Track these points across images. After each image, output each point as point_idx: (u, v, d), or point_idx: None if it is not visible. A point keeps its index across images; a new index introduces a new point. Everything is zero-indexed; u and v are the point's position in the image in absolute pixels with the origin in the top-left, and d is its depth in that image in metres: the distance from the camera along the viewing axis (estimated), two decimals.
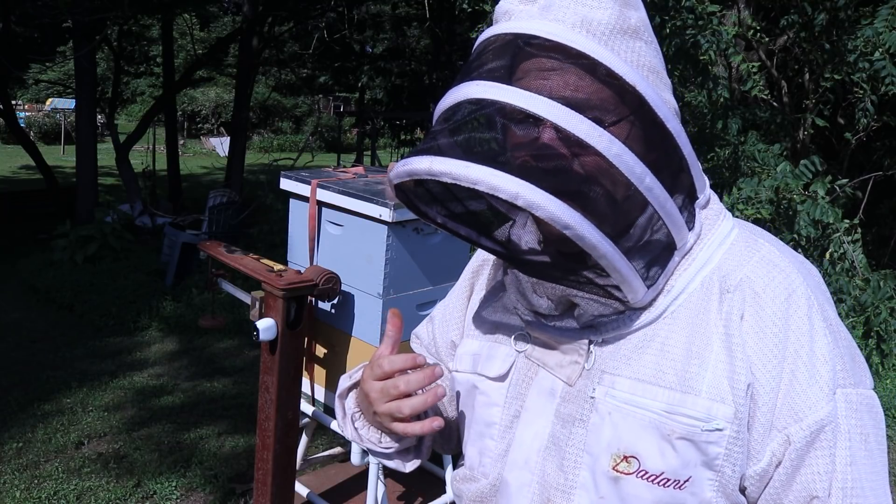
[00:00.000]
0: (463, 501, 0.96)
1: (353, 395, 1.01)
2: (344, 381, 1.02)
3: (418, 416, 0.90)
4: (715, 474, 0.77)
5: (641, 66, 0.76)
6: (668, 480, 0.78)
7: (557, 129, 0.70)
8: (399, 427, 0.87)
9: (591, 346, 0.83)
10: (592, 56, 0.72)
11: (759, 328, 0.78)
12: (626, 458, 0.79)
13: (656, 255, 0.79)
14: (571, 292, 0.80)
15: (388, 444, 0.96)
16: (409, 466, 1.01)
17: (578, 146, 0.70)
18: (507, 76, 0.76)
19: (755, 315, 0.78)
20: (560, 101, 0.69)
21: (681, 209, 0.79)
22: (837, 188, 3.76)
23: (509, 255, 0.87)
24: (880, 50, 3.68)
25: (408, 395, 0.86)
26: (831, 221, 3.22)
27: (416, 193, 0.83)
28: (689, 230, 0.81)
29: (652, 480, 0.78)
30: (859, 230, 3.40)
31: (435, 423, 0.85)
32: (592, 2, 0.75)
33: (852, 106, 4.64)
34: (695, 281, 0.82)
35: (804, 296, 0.79)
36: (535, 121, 0.72)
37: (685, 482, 0.77)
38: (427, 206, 0.84)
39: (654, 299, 0.81)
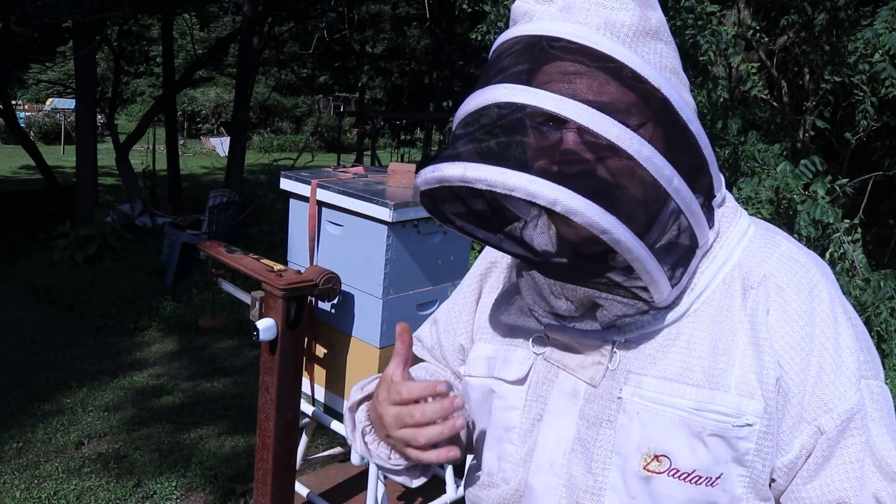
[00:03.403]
0: None
1: (364, 407, 0.99)
2: (355, 393, 1.00)
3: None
4: (746, 470, 0.78)
5: (664, 67, 0.77)
6: (700, 478, 0.78)
7: (588, 133, 0.70)
8: (413, 454, 0.85)
9: (615, 347, 0.83)
10: (618, 59, 0.72)
11: (785, 322, 0.79)
12: (656, 457, 0.79)
13: (682, 255, 0.80)
14: (594, 294, 0.80)
15: (398, 461, 0.94)
16: (416, 482, 1.00)
17: (610, 149, 0.71)
18: (530, 79, 0.76)
19: (780, 310, 0.79)
20: (587, 104, 0.69)
21: (702, 208, 0.80)
22: (837, 188, 3.76)
23: (531, 257, 0.87)
24: (880, 51, 3.67)
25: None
26: (831, 221, 3.21)
27: (441, 198, 0.83)
28: (710, 228, 0.82)
29: (684, 478, 0.78)
30: (859, 230, 3.40)
31: (451, 453, 0.83)
32: (614, 3, 0.74)
33: (852, 107, 4.63)
34: (716, 279, 0.82)
35: (826, 290, 0.81)
36: (564, 124, 0.73)
37: (717, 479, 0.78)
38: (450, 211, 0.84)
39: (678, 298, 0.81)
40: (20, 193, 10.50)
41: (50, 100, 21.58)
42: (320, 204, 2.43)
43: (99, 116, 10.62)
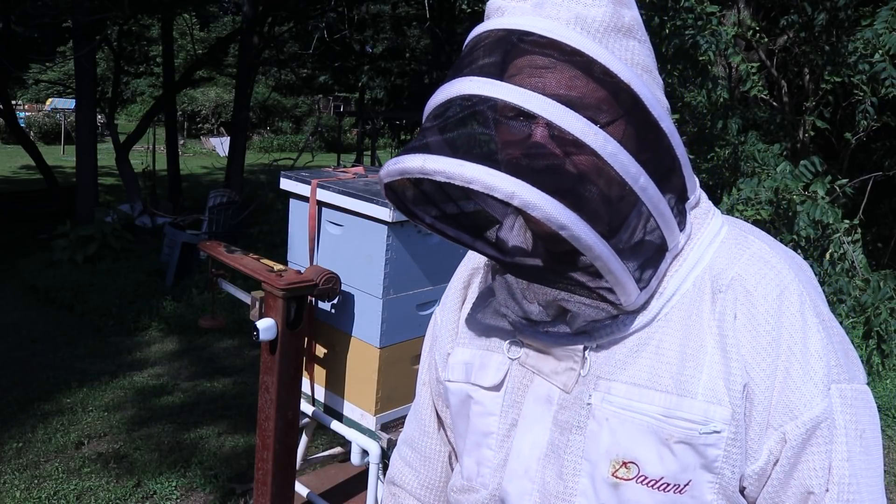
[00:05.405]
0: None
1: None
2: None
3: None
4: (714, 476, 0.77)
5: (636, 64, 0.76)
6: (668, 485, 0.77)
7: (552, 127, 0.69)
8: None
9: (586, 352, 0.82)
10: (588, 53, 0.71)
11: (752, 327, 0.77)
12: (624, 463, 0.78)
13: (649, 256, 0.78)
14: (562, 297, 0.79)
15: None
16: None
17: (573, 145, 0.70)
18: (500, 73, 0.75)
19: (747, 314, 0.78)
20: (555, 98, 0.68)
21: (672, 210, 0.78)
22: (837, 188, 3.75)
23: (501, 258, 0.85)
24: (880, 51, 3.67)
25: None
26: (831, 222, 3.21)
27: (407, 193, 0.81)
28: (681, 231, 0.80)
29: (652, 485, 0.78)
30: (859, 230, 3.39)
31: None
32: None
33: (852, 107, 4.64)
34: (687, 282, 0.81)
35: (796, 292, 0.78)
36: (530, 118, 0.72)
37: (685, 486, 0.77)
38: (417, 206, 0.82)
39: (647, 302, 0.80)
40: (20, 193, 10.51)
41: (50, 100, 21.59)
42: (320, 204, 2.43)
43: (99, 116, 10.63)
